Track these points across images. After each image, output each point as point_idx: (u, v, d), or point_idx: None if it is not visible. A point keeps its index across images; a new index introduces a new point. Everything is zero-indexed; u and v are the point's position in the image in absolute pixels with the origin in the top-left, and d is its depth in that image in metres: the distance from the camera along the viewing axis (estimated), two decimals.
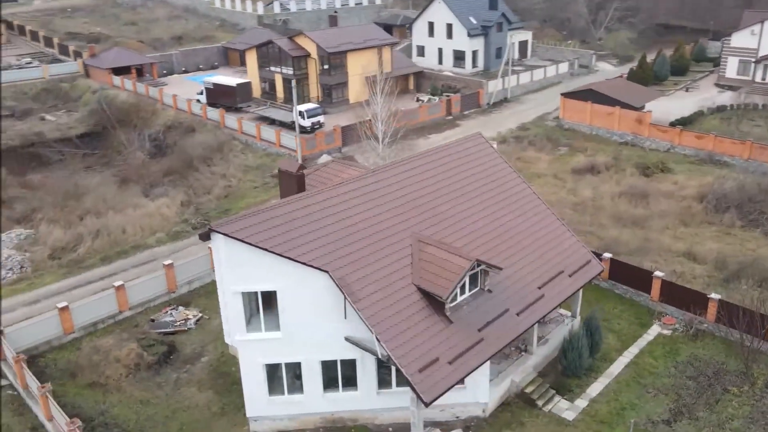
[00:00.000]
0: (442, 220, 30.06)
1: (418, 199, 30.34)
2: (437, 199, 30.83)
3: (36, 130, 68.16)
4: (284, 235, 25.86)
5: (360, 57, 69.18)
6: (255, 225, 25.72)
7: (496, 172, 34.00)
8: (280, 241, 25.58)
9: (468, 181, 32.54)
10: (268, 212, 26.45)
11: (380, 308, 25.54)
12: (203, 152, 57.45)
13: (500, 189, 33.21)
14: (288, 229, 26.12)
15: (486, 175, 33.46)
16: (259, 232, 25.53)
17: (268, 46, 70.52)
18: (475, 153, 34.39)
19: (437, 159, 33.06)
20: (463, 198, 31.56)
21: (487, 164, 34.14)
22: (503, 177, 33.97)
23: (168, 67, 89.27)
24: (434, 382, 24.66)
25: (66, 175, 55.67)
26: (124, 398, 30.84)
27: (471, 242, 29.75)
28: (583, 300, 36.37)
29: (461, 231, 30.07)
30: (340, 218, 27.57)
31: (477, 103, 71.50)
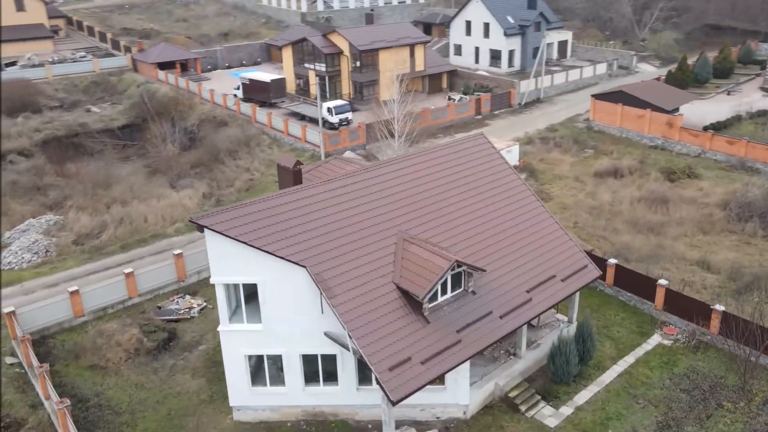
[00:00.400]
0: (433, 219, 29.66)
1: (410, 197, 30.00)
2: (430, 197, 30.43)
3: (81, 121, 70.41)
4: (265, 229, 25.95)
5: (392, 55, 68.93)
6: (236, 218, 25.89)
7: (495, 173, 33.31)
8: (261, 235, 25.68)
9: (464, 181, 32.00)
10: (251, 206, 26.59)
11: (356, 305, 25.39)
12: (230, 146, 58.33)
13: (498, 190, 32.52)
14: (270, 224, 26.20)
15: (484, 176, 32.83)
16: (239, 226, 25.68)
17: (302, 43, 71.03)
18: (475, 153, 33.79)
19: (435, 158, 32.64)
20: (457, 198, 31.06)
21: (487, 165, 33.48)
22: (502, 178, 33.24)
23: (212, 62, 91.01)
24: (404, 381, 24.35)
25: (101, 164, 57.20)
26: (121, 381, 31.58)
27: (460, 242, 29.26)
28: (584, 306, 35.53)
29: (451, 231, 29.59)
30: (325, 214, 27.49)
31: (508, 103, 70.30)
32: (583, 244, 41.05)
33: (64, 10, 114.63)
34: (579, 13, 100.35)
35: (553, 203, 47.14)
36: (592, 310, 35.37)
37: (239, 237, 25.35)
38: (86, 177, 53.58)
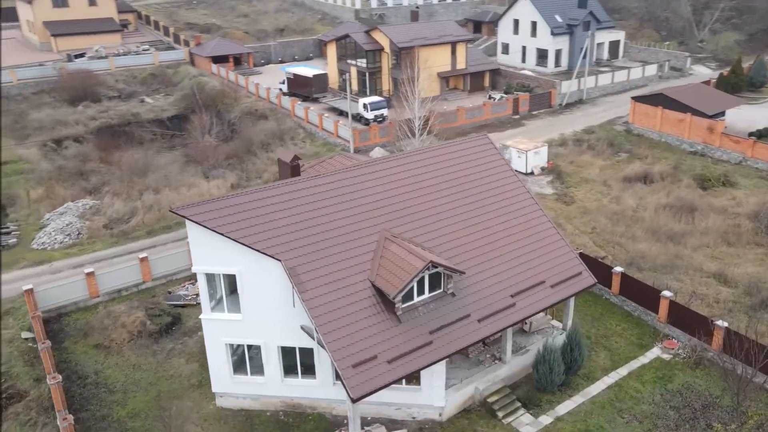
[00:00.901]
0: (421, 218, 29.12)
1: (400, 195, 29.53)
2: (422, 197, 29.87)
3: (134, 111, 72.87)
4: (245, 222, 26.07)
5: (432, 52, 68.16)
6: (216, 210, 26.11)
7: (494, 174, 32.39)
8: (239, 228, 25.82)
9: (460, 182, 31.25)
10: (233, 199, 26.77)
11: (327, 300, 25.21)
12: (264, 138, 59.10)
13: (495, 192, 31.61)
14: (250, 217, 26.30)
15: (482, 177, 31.97)
16: (219, 218, 25.89)
17: (345, 40, 71.18)
18: (476, 154, 32.96)
19: (433, 157, 32.03)
20: (450, 198, 30.38)
21: (487, 166, 32.59)
22: (501, 180, 32.29)
23: (266, 56, 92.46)
24: (367, 379, 24.03)
25: (140, 152, 59.01)
26: (121, 361, 32.52)
27: (446, 243, 28.63)
28: (586, 314, 34.29)
29: (438, 231, 28.98)
30: (308, 210, 27.37)
31: (548, 103, 68.34)
32: (596, 250, 39.58)
33: (135, 5, 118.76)
34: (635, 13, 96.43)
35: (575, 207, 45.55)
36: (594, 319, 34.03)
37: (217, 228, 25.58)
38: (126, 164, 55.38)
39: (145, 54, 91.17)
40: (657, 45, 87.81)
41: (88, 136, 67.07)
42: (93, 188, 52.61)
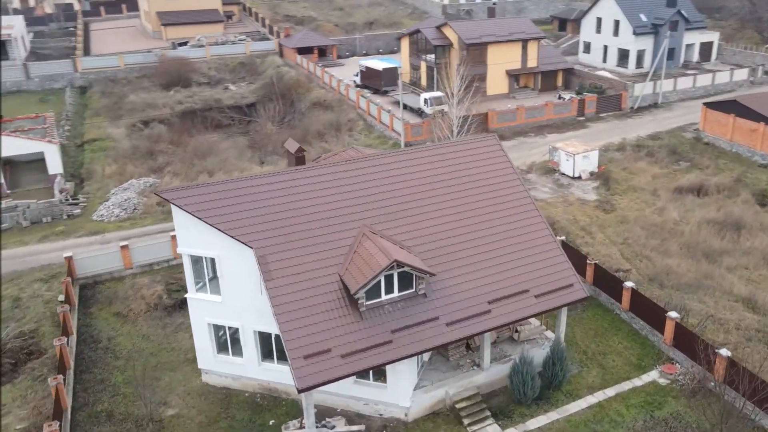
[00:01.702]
0: (409, 216, 28.37)
1: (392, 192, 28.92)
2: (414, 195, 29.09)
3: (216, 97, 75.99)
4: (224, 209, 26.48)
5: (501, 49, 66.03)
6: (198, 195, 26.69)
7: (496, 177, 30.97)
8: (217, 213, 26.27)
9: (459, 182, 30.14)
10: (216, 186, 27.27)
11: (292, 290, 25.20)
12: (321, 128, 59.74)
13: (494, 195, 30.23)
14: (230, 204, 26.67)
15: (484, 179, 30.66)
16: (200, 203, 26.46)
17: (417, 35, 70.42)
18: (480, 155, 31.65)
19: (435, 155, 31.10)
20: (444, 198, 29.37)
21: (491, 168, 31.22)
22: (503, 184, 30.82)
23: (351, 49, 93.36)
24: (316, 371, 23.82)
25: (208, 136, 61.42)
26: (133, 330, 34.18)
27: (429, 243, 27.76)
28: (589, 328, 32.21)
29: (424, 230, 28.13)
30: (291, 201, 27.38)
31: (618, 106, 64.33)
32: (620, 262, 37.01)
33: None
34: (736, 13, 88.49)
35: (613, 215, 42.74)
36: (597, 334, 31.87)
37: (195, 213, 26.18)
38: (191, 146, 57.84)
39: (238, 44, 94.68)
40: (757, 48, 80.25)
41: (172, 119, 70.74)
42: (158, 167, 55.39)
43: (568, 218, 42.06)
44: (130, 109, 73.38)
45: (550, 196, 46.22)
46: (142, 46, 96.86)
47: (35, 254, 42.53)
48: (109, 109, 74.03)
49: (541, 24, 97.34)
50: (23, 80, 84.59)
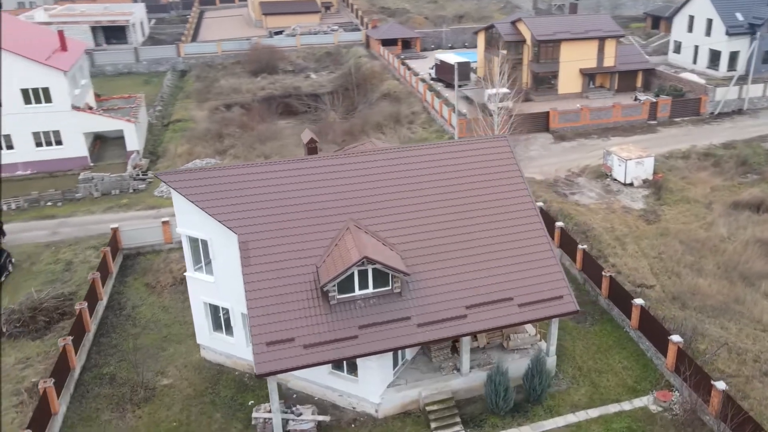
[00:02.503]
0: (399, 213, 27.73)
1: (387, 188, 28.36)
2: (410, 192, 28.38)
3: (296, 85, 77.63)
4: (216, 194, 26.99)
5: (576, 47, 62.64)
6: (196, 180, 27.39)
7: (501, 180, 29.50)
8: (209, 198, 26.86)
9: (460, 182, 29.03)
10: (212, 171, 27.85)
11: (267, 278, 25.41)
12: (381, 120, 59.47)
13: (494, 198, 28.86)
14: (223, 190, 27.13)
15: (486, 181, 29.33)
16: (194, 187, 27.16)
17: (491, 30, 68.29)
18: (488, 156, 30.26)
19: (440, 153, 30.11)
20: (441, 197, 28.43)
21: (496, 170, 29.78)
22: (507, 187, 29.30)
23: (437, 42, 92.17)
24: (276, 358, 23.94)
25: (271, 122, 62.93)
26: (156, 301, 35.82)
27: (415, 242, 27.02)
28: (592, 344, 30.22)
29: (413, 229, 27.40)
30: (282, 190, 27.49)
31: (696, 111, 59.18)
32: (646, 277, 34.32)
33: None
34: None
35: (655, 227, 39.59)
36: (600, 350, 29.78)
37: (188, 196, 26.91)
38: (258, 131, 59.52)
39: (328, 34, 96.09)
40: None
41: (252, 104, 73.11)
42: (223, 149, 57.48)
43: (604, 226, 39.47)
44: (217, 92, 76.60)
45: (593, 202, 43.55)
46: (244, 34, 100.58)
47: (98, 223, 45.47)
48: (199, 92, 77.63)
49: (634, 21, 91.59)
50: (134, 63, 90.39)
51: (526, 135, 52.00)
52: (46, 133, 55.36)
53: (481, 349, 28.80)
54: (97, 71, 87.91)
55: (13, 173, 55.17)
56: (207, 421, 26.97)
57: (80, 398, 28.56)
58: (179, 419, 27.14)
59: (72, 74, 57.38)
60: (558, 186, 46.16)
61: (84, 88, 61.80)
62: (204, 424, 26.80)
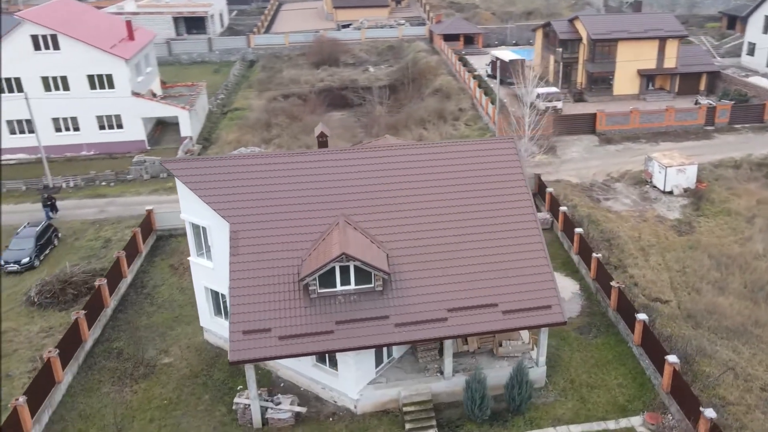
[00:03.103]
0: (393, 212, 27.26)
1: (386, 185, 27.94)
2: (405, 190, 27.87)
3: (353, 78, 77.82)
4: (216, 183, 27.41)
5: (634, 47, 59.38)
6: (198, 168, 27.95)
7: (502, 182, 28.41)
8: (208, 187, 27.33)
9: (457, 183, 28.20)
10: (214, 161, 28.32)
11: (252, 268, 25.65)
12: (426, 115, 58.66)
13: (493, 201, 27.85)
14: (222, 179, 27.53)
15: (486, 183, 28.33)
16: (196, 175, 27.70)
17: (548, 27, 65.85)
18: (493, 157, 29.21)
19: (444, 152, 29.37)
20: (438, 197, 27.75)
21: (498, 173, 28.70)
22: (507, 191, 28.19)
23: (501, 38, 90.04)
24: (250, 347, 24.16)
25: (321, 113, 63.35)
26: (176, 282, 36.92)
27: (404, 241, 26.53)
28: (590, 357, 28.78)
29: (404, 228, 26.91)
30: (279, 182, 27.60)
31: (760, 117, 54.72)
32: (664, 291, 32.25)
33: None
34: None
35: (685, 239, 37.08)
36: (597, 364, 28.26)
37: (188, 183, 27.51)
38: (304, 122, 60.12)
39: (394, 28, 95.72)
40: None
41: (309, 95, 73.94)
42: (269, 138, 58.47)
43: (631, 235, 37.36)
44: (278, 83, 77.99)
45: (626, 209, 41.30)
46: (315, 26, 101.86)
47: (142, 204, 47.22)
48: (261, 82, 79.32)
49: (710, 20, 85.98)
50: (207, 52, 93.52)
51: (556, 136, 49.98)
52: (108, 117, 58.17)
53: (471, 353, 27.95)
54: (173, 59, 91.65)
55: (78, 153, 58.38)
56: (195, 402, 27.58)
57: (87, 370, 29.85)
58: (170, 397, 27.89)
59: (135, 62, 59.91)
60: (593, 190, 44.07)
61: (149, 75, 64.43)
62: (191, 404, 27.43)
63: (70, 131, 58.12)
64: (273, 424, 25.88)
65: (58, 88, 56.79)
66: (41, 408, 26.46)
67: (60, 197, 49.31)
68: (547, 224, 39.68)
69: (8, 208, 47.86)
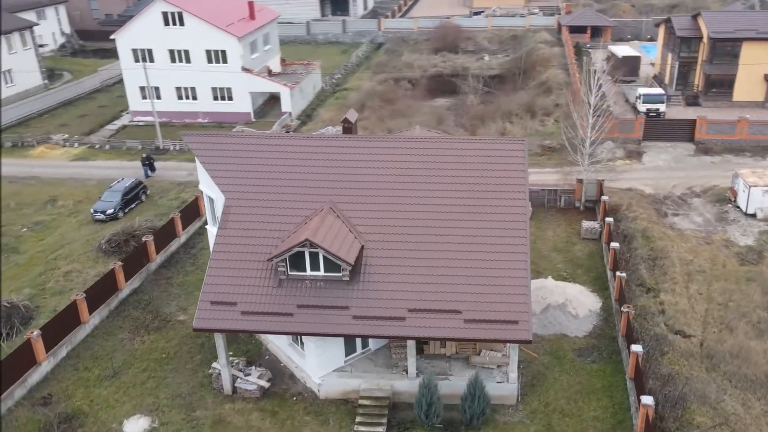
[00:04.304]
0: (382, 203, 26.48)
1: (377, 176, 27.26)
2: (399, 183, 26.93)
3: (466, 65, 75.42)
4: (223, 159, 28.28)
5: (762, 48, 51.39)
6: (212, 143, 28.94)
7: (501, 185, 26.30)
8: (215, 161, 28.23)
9: (454, 181, 26.65)
10: (228, 137, 29.23)
11: (235, 243, 26.19)
12: (515, 109, 55.49)
13: (483, 203, 25.98)
14: (229, 155, 28.30)
15: (481, 183, 26.49)
16: (207, 149, 28.72)
17: (669, 23, 58.91)
18: (495, 158, 27.11)
19: (445, 149, 27.80)
20: (427, 193, 26.51)
21: (500, 175, 26.62)
22: (503, 194, 26.09)
23: (635, 32, 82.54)
24: (213, 317, 24.88)
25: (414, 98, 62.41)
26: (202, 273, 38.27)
27: (385, 234, 25.67)
28: (582, 382, 26.35)
29: (388, 221, 26.03)
30: (281, 164, 27.79)
31: None
32: (691, 324, 28.16)
33: None
34: None
35: (745, 270, 31.70)
36: (582, 391, 25.49)
37: (199, 157, 28.59)
38: (396, 106, 59.64)
39: (524, 17, 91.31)
40: None
41: (420, 80, 73.17)
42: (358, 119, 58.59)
43: (684, 258, 32.85)
44: (393, 66, 77.93)
45: (693, 228, 36.33)
46: (449, 12, 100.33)
47: None
48: (379, 65, 79.76)
49: None
50: (341, 34, 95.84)
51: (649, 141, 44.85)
52: (221, 89, 61.91)
53: (448, 357, 26.45)
54: (310, 39, 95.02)
55: (195, 120, 62.85)
56: (187, 360, 28.84)
57: (116, 316, 32.34)
58: (169, 352, 29.47)
59: (250, 40, 62.92)
60: (665, 204, 39.26)
61: (267, 53, 67.38)
62: (183, 362, 28.74)
63: (189, 100, 62.64)
64: (240, 393, 26.45)
65: (182, 60, 61.29)
66: (60, 343, 29.24)
67: (164, 158, 53.58)
68: (595, 234, 36.14)
69: (121, 164, 52.78)
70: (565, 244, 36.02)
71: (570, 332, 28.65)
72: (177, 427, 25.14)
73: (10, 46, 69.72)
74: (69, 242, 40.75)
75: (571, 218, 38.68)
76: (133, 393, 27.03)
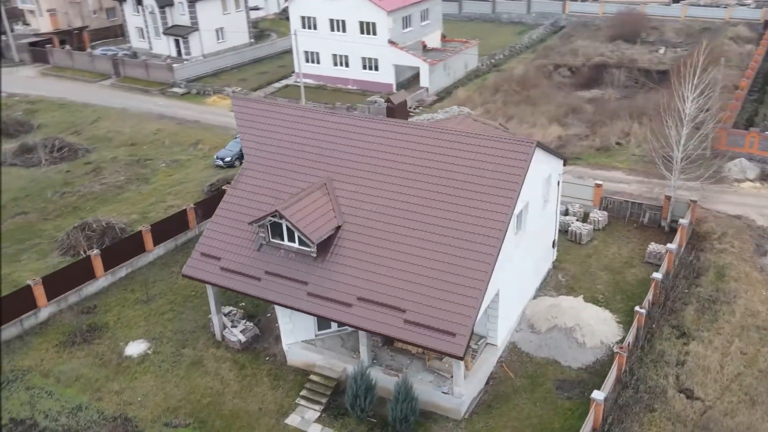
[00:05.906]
0: (370, 186, 25.06)
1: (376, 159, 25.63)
2: (396, 169, 25.09)
3: (633, 57, 66.98)
4: (255, 123, 28.85)
5: None
6: (248, 107, 29.67)
7: (489, 186, 23.26)
8: (249, 126, 28.93)
9: (450, 175, 24.15)
10: (262, 104, 29.73)
11: (239, 203, 26.90)
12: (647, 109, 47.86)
13: (467, 203, 23.20)
14: (260, 121, 28.77)
15: (473, 182, 23.61)
16: (245, 113, 29.49)
17: None
18: (496, 157, 23.84)
19: (447, 141, 25.10)
20: (421, 183, 24.37)
21: (492, 175, 23.49)
22: (490, 196, 23.01)
23: None
24: (199, 267, 26.18)
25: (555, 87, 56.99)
26: None
27: (363, 218, 24.43)
28: (537, 415, 23.28)
29: (371, 205, 24.63)
30: (301, 136, 27.52)
31: None
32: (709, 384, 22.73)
33: None
34: None
35: None
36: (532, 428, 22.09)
37: (237, 119, 29.54)
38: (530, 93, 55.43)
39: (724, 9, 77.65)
40: None
41: (582, 68, 66.95)
42: (483, 102, 55.63)
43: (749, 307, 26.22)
44: (558, 52, 72.24)
45: None
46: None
47: None
48: (545, 49, 74.61)
49: None
50: (524, 14, 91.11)
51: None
52: (369, 59, 62.96)
53: (412, 354, 24.67)
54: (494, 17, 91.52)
55: (345, 86, 64.96)
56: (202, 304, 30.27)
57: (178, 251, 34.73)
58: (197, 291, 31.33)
59: (402, 15, 62.51)
60: None
61: (423, 28, 66.47)
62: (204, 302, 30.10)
63: (342, 66, 64.76)
64: (226, 341, 27.55)
65: (339, 30, 63.38)
66: (120, 265, 32.90)
67: None
68: (661, 260, 30.44)
69: None
70: (622, 265, 30.88)
71: (564, 360, 24.83)
72: (163, 357, 27.08)
73: (224, 8, 77.48)
74: (187, 181, 45.17)
75: (649, 238, 32.90)
76: (151, 320, 29.55)
